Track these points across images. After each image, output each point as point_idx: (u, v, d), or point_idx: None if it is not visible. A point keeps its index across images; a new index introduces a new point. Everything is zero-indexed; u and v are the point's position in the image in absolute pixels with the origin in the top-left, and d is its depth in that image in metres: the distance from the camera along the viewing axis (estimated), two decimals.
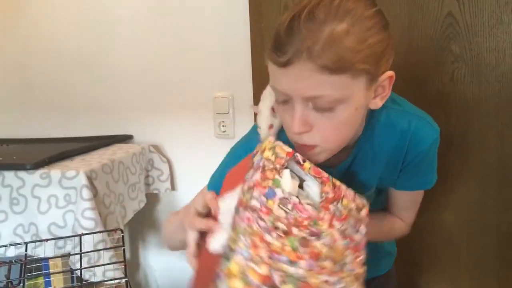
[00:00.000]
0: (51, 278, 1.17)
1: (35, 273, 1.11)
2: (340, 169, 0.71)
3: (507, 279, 1.12)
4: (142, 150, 1.39)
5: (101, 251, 1.06)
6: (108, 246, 1.07)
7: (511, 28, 0.99)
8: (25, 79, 1.61)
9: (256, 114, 0.73)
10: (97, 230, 1.05)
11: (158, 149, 1.48)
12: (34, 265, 1.08)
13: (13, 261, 1.00)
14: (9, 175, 1.09)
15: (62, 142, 1.47)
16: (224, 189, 0.59)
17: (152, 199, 1.52)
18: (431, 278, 1.20)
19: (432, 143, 0.69)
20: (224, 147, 1.39)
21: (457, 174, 1.10)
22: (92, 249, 1.04)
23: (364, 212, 0.61)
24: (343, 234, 0.55)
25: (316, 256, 0.49)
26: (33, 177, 1.08)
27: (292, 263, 0.47)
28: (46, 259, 1.10)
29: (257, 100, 1.28)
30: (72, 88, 1.56)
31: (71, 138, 1.53)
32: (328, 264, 0.50)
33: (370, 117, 0.67)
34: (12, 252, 1.06)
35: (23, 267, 0.95)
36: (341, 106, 0.56)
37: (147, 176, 1.44)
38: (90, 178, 1.08)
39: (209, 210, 0.57)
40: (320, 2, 0.53)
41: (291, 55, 0.52)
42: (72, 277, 1.18)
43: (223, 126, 1.37)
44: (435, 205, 0.82)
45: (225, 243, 0.49)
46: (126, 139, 1.49)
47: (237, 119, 1.35)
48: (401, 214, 0.82)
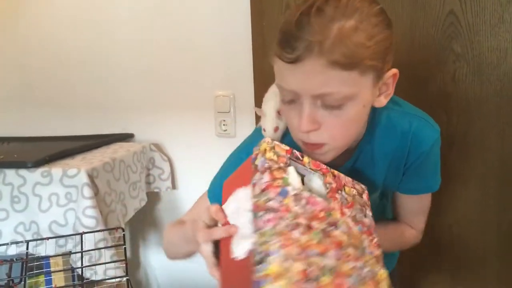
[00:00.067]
0: (52, 277, 1.17)
1: (36, 271, 1.11)
2: (341, 171, 0.71)
3: (507, 278, 1.12)
4: (143, 149, 1.39)
5: (102, 250, 1.06)
6: (109, 244, 1.07)
7: None
8: (25, 78, 1.61)
9: (259, 116, 0.73)
10: (98, 229, 1.05)
11: (159, 147, 1.48)
12: (35, 263, 1.08)
13: (15, 259, 1.00)
14: (10, 173, 1.09)
15: (63, 140, 1.47)
16: (225, 196, 0.59)
17: (153, 197, 1.52)
18: (432, 277, 1.20)
19: (433, 144, 0.69)
20: (225, 146, 1.40)
21: (458, 174, 1.10)
22: (93, 247, 1.04)
23: (365, 196, 0.63)
24: (355, 220, 0.56)
25: (339, 245, 0.51)
26: (34, 175, 1.08)
27: (322, 255, 0.48)
28: (47, 257, 1.10)
29: (258, 99, 1.29)
30: (73, 87, 1.56)
31: (72, 136, 1.53)
32: (351, 251, 0.51)
33: (371, 119, 0.67)
34: (13, 251, 1.07)
35: (25, 266, 0.95)
36: (350, 103, 0.56)
37: (148, 175, 1.44)
38: (91, 177, 1.08)
39: (216, 222, 0.57)
40: (328, 0, 0.54)
41: (302, 50, 0.52)
42: (73, 276, 1.18)
43: (224, 125, 1.37)
44: (436, 205, 0.82)
45: (250, 247, 0.49)
46: (127, 137, 1.49)
47: (238, 118, 1.35)
48: (410, 221, 0.81)
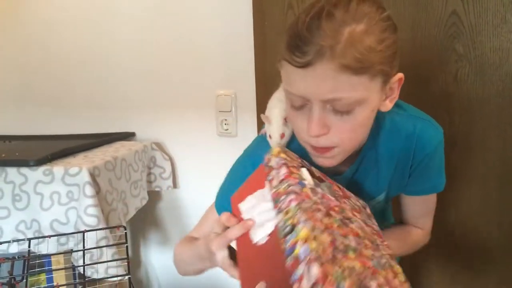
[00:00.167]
0: (53, 275, 1.17)
1: (37, 269, 1.11)
2: (346, 176, 0.72)
3: (508, 278, 1.12)
4: (144, 148, 1.39)
5: (104, 248, 1.06)
6: (111, 243, 1.07)
7: None
8: (25, 78, 1.62)
9: (264, 123, 0.73)
10: (99, 227, 1.05)
11: (160, 146, 1.48)
12: (37, 261, 1.09)
13: (16, 257, 1.00)
14: (12, 171, 1.09)
15: (65, 139, 1.47)
16: (235, 209, 0.60)
17: (154, 196, 1.52)
18: (432, 277, 1.20)
19: (438, 144, 0.70)
20: (226, 145, 1.40)
21: (460, 174, 1.10)
22: (94, 246, 1.04)
23: (368, 210, 0.64)
24: (365, 222, 0.57)
25: (357, 235, 0.51)
26: (35, 174, 1.09)
27: (344, 236, 0.49)
28: (49, 255, 1.10)
29: (260, 98, 1.29)
30: (74, 87, 1.56)
31: (74, 135, 1.53)
32: (368, 242, 0.52)
33: (375, 123, 0.67)
34: (15, 249, 1.07)
35: (26, 264, 0.95)
36: (359, 108, 0.56)
37: (149, 174, 1.44)
38: (93, 175, 1.08)
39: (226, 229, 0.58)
40: (338, 4, 0.53)
41: (313, 55, 0.52)
42: (74, 274, 1.18)
43: (225, 124, 1.37)
44: (437, 205, 0.82)
45: (272, 229, 0.50)
46: (128, 136, 1.49)
47: (240, 117, 1.35)
48: (417, 222, 0.82)
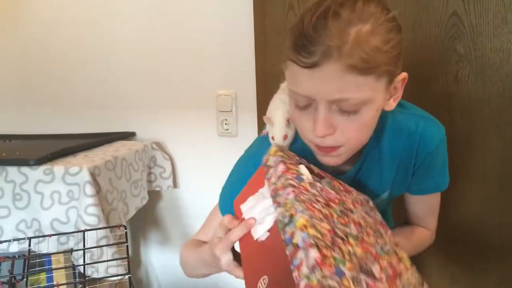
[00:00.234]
0: (53, 274, 1.17)
1: (38, 268, 1.11)
2: (349, 175, 0.72)
3: (508, 278, 1.12)
4: (144, 147, 1.39)
5: (104, 248, 1.06)
6: (111, 242, 1.07)
7: None
8: (25, 78, 1.62)
9: (261, 117, 0.73)
10: (100, 227, 1.05)
11: (160, 146, 1.48)
12: (37, 260, 1.09)
13: (17, 256, 1.00)
14: (12, 170, 1.09)
15: (65, 138, 1.47)
16: (237, 212, 0.60)
17: (154, 196, 1.52)
18: (432, 278, 1.20)
19: (440, 142, 0.70)
20: (226, 145, 1.40)
21: (460, 174, 1.10)
22: (95, 245, 1.04)
23: (371, 203, 0.64)
24: (368, 214, 0.58)
25: (358, 224, 0.52)
26: (36, 173, 1.09)
27: (345, 225, 0.49)
28: (49, 254, 1.10)
29: (260, 98, 1.29)
30: (74, 86, 1.56)
31: (74, 134, 1.53)
32: (370, 231, 0.52)
33: (378, 123, 0.67)
34: (15, 248, 1.07)
35: (27, 263, 0.95)
36: (365, 108, 0.56)
37: (149, 173, 1.44)
38: (93, 175, 1.09)
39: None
40: (344, 4, 0.53)
41: (320, 55, 0.51)
42: (74, 273, 1.18)
43: (226, 124, 1.37)
44: None
45: (272, 224, 0.50)
46: (129, 136, 1.49)
47: (240, 117, 1.35)
48: (422, 222, 0.82)
